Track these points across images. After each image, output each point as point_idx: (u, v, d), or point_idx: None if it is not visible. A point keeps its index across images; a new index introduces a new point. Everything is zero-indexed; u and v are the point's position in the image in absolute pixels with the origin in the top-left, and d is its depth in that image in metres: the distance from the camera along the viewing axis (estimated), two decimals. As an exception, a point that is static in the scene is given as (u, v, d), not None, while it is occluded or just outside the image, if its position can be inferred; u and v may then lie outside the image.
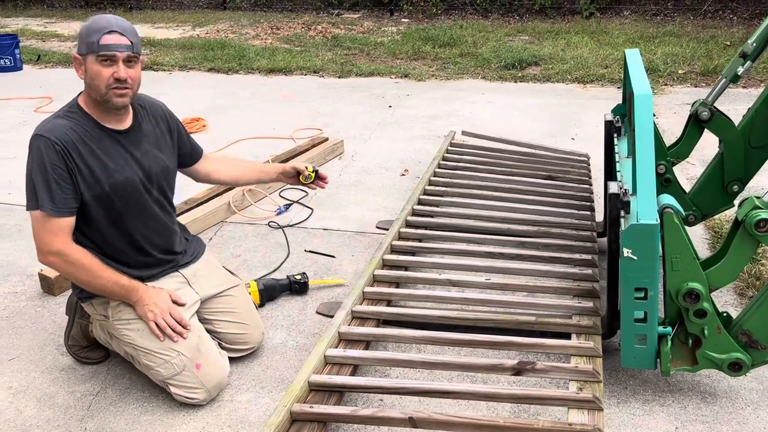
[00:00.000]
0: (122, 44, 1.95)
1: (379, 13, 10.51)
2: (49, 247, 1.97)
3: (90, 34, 1.94)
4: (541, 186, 3.41)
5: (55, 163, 1.94)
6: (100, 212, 2.05)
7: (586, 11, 9.31)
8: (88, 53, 1.95)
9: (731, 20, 8.67)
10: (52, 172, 1.94)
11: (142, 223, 2.14)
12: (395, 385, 1.99)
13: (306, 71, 7.01)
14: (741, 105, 5.00)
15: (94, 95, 2.00)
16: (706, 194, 2.75)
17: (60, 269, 2.04)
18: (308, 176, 2.48)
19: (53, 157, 1.94)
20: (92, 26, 1.96)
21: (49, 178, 1.94)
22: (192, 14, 11.18)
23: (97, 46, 1.93)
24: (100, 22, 1.96)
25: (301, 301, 2.70)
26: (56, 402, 2.16)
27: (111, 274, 2.04)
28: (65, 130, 1.97)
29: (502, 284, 2.52)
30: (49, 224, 1.96)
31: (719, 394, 2.09)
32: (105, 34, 1.94)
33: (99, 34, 1.94)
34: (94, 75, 1.96)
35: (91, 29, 1.95)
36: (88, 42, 1.95)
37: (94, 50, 1.94)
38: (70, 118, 2.01)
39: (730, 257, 1.93)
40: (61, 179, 1.95)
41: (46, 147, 1.94)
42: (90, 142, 2.01)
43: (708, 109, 2.64)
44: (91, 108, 2.04)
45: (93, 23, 1.97)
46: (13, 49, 7.37)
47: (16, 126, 5.30)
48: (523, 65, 6.80)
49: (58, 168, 1.94)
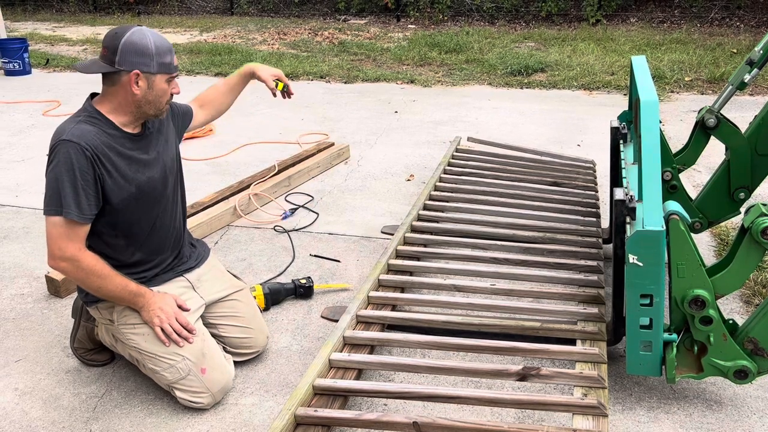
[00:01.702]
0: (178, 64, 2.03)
1: (386, 19, 10.54)
2: (63, 253, 1.96)
3: (162, 55, 2.01)
4: (546, 192, 3.41)
5: (84, 169, 1.94)
6: (119, 218, 2.07)
7: (592, 18, 9.31)
8: (161, 72, 2.02)
9: (738, 28, 8.66)
10: (81, 178, 1.94)
11: (151, 224, 2.15)
12: (399, 389, 1.99)
13: (312, 76, 7.04)
14: (748, 112, 4.99)
15: (149, 110, 2.05)
16: (713, 201, 2.74)
17: (71, 275, 2.03)
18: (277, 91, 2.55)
19: (83, 164, 1.94)
20: (162, 45, 2.01)
21: (78, 185, 1.93)
22: (199, 19, 11.24)
23: (172, 68, 2.05)
24: (166, 43, 2.03)
25: (306, 305, 2.71)
26: (62, 403, 2.16)
27: (120, 280, 2.05)
28: (93, 135, 1.97)
29: (507, 290, 2.51)
30: (70, 230, 1.95)
31: (725, 402, 2.08)
32: (173, 55, 2.05)
33: (171, 55, 2.04)
34: (162, 93, 2.04)
35: (162, 50, 2.01)
36: (161, 63, 2.01)
37: (169, 71, 2.04)
38: (94, 124, 2.01)
39: (737, 264, 1.92)
40: (88, 186, 1.96)
41: (76, 153, 1.93)
42: (116, 145, 2.03)
43: (714, 116, 2.64)
44: (116, 115, 2.05)
45: (159, 42, 2.01)
46: (22, 53, 7.42)
47: (25, 129, 5.34)
48: (530, 72, 6.80)
49: (87, 175, 1.95)
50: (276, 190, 3.83)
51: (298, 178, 4.01)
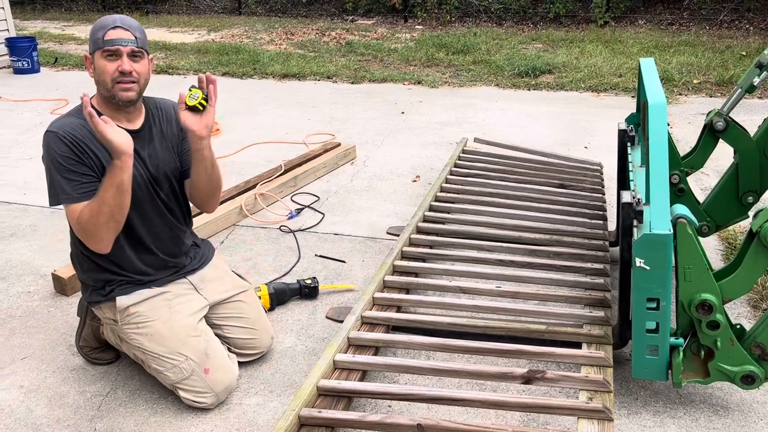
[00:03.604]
0: (125, 38, 1.99)
1: (393, 20, 10.53)
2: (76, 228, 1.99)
3: (96, 32, 2.00)
4: (553, 194, 3.39)
5: (65, 154, 1.96)
6: None
7: (600, 20, 9.28)
8: (95, 50, 2.00)
9: (747, 30, 8.62)
10: (65, 162, 1.96)
11: (147, 224, 2.14)
12: (404, 391, 1.99)
13: (319, 77, 7.04)
14: (757, 115, 4.96)
15: (102, 91, 2.04)
16: (721, 205, 2.73)
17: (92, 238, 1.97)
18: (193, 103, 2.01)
19: (63, 149, 1.96)
20: (98, 24, 2.02)
21: (62, 170, 1.96)
22: (207, 19, 11.26)
23: (102, 42, 1.98)
24: (106, 20, 2.02)
25: (311, 305, 2.70)
26: (67, 402, 2.17)
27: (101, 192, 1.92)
28: (74, 127, 2.00)
29: (513, 292, 2.51)
30: (73, 211, 1.97)
31: (731, 407, 2.07)
32: (109, 30, 1.99)
33: (104, 30, 1.99)
34: (101, 70, 2.00)
35: (97, 27, 2.01)
36: (94, 39, 2.00)
37: (99, 46, 1.99)
38: (80, 116, 2.03)
39: (744, 269, 1.91)
40: (75, 167, 1.97)
41: (55, 141, 1.97)
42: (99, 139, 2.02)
43: (723, 119, 2.62)
44: (102, 107, 2.07)
45: (99, 22, 2.02)
46: (30, 52, 7.46)
47: (33, 127, 5.36)
48: (537, 73, 6.78)
49: (69, 158, 1.97)
50: (282, 190, 3.83)
51: (304, 178, 4.01)
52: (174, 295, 2.17)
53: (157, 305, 2.12)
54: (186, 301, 2.17)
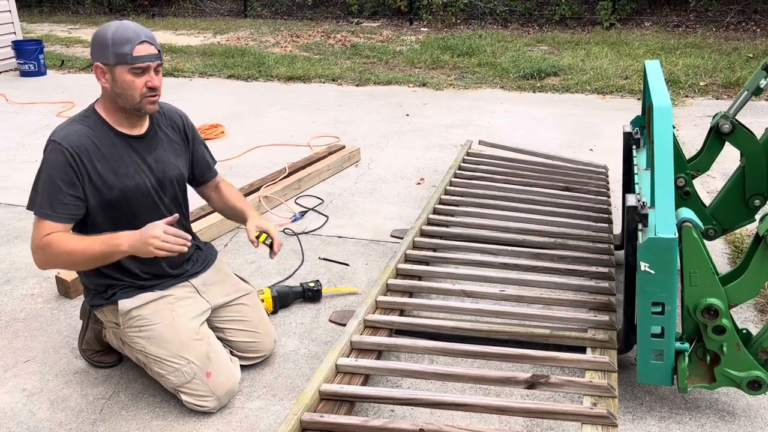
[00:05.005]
0: (153, 54, 1.97)
1: (399, 22, 10.53)
2: (36, 244, 1.99)
3: (120, 45, 1.92)
4: (558, 197, 3.38)
5: (61, 170, 1.96)
6: (106, 219, 2.05)
7: (606, 22, 9.26)
8: (118, 64, 1.94)
9: (754, 32, 8.57)
10: (57, 178, 1.96)
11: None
12: (406, 396, 1.98)
13: (324, 79, 7.04)
14: (763, 118, 4.93)
15: (125, 104, 2.01)
16: (727, 208, 2.71)
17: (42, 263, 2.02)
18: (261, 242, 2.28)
19: (61, 164, 1.95)
20: (120, 36, 1.92)
21: (51, 184, 1.96)
22: (213, 21, 11.29)
23: (132, 58, 1.93)
24: (128, 32, 1.93)
25: (314, 308, 2.70)
26: (69, 405, 2.17)
27: (86, 242, 1.97)
28: (78, 135, 1.99)
29: (517, 296, 2.49)
30: (42, 226, 1.97)
31: (738, 413, 2.05)
32: (137, 45, 1.93)
33: (131, 45, 1.92)
34: (127, 86, 1.96)
35: (121, 39, 1.92)
36: (118, 53, 1.92)
37: (127, 62, 1.93)
38: (84, 123, 2.02)
39: (751, 273, 1.89)
40: (64, 186, 1.96)
41: (56, 154, 1.96)
42: (102, 147, 2.02)
43: (729, 121, 2.60)
44: (109, 114, 2.05)
45: (119, 32, 1.93)
46: (37, 55, 7.50)
47: (38, 130, 5.38)
48: (542, 75, 6.77)
49: (64, 175, 1.96)
50: (286, 192, 3.82)
51: (308, 180, 4.00)
52: (176, 298, 2.16)
53: (159, 308, 2.11)
54: (188, 304, 2.16)
